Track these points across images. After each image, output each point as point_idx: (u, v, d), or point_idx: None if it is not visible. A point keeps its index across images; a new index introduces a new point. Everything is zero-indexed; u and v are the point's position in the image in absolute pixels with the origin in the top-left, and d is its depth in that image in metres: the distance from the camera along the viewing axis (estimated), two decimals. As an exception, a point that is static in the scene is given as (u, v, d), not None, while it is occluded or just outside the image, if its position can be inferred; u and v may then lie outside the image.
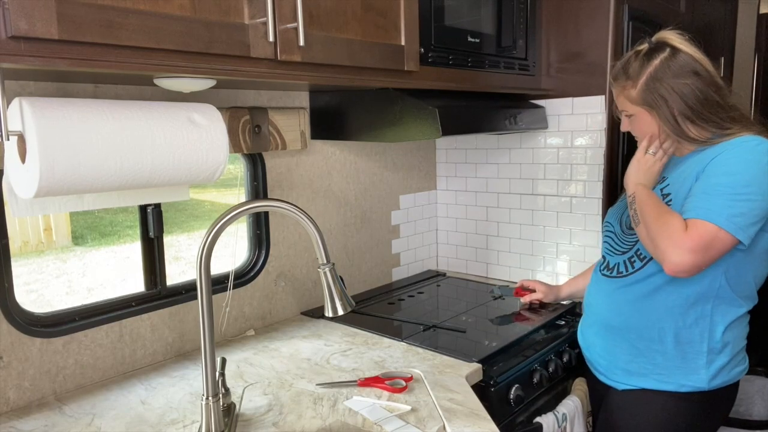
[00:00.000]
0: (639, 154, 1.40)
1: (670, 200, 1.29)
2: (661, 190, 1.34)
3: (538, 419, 1.39)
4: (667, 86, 1.28)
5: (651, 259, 1.30)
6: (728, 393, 1.34)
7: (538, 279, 2.00)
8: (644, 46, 1.34)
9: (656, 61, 1.29)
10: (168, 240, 1.47)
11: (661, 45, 1.31)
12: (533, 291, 1.78)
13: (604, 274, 1.43)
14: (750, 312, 1.34)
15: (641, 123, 1.36)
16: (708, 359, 1.28)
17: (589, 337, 1.45)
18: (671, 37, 1.32)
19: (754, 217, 1.17)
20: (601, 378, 1.43)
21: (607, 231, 1.49)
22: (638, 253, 1.34)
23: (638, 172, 1.38)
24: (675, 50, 1.29)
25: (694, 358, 1.29)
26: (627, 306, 1.35)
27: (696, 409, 1.31)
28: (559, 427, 1.40)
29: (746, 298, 1.30)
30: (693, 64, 1.28)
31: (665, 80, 1.28)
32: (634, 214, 1.32)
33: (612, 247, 1.44)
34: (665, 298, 1.29)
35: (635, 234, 1.34)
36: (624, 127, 1.42)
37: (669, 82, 1.28)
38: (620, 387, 1.38)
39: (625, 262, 1.37)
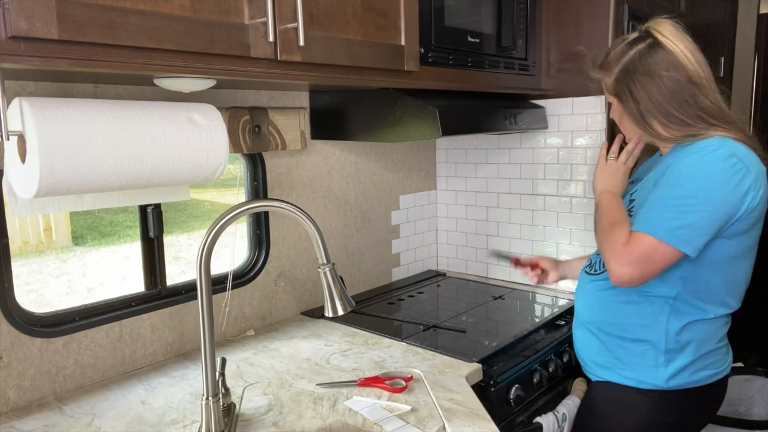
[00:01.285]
0: (601, 160, 1.42)
1: (633, 207, 1.30)
2: (631, 194, 1.35)
3: (538, 419, 1.39)
4: (637, 80, 1.25)
5: None
6: (698, 396, 1.30)
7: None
8: (633, 34, 1.31)
9: (632, 52, 1.27)
10: (168, 240, 1.47)
11: (645, 36, 1.27)
12: (536, 267, 1.66)
13: (585, 271, 1.46)
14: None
15: (615, 113, 1.37)
16: (666, 358, 1.27)
17: (574, 329, 1.48)
18: (659, 27, 1.27)
19: (700, 228, 1.15)
20: (583, 369, 1.47)
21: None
22: None
23: (601, 178, 1.40)
24: (655, 43, 1.25)
25: (653, 356, 1.28)
26: (595, 302, 1.37)
27: (656, 406, 1.30)
28: (559, 427, 1.40)
29: (713, 304, 1.26)
30: (670, 60, 1.23)
31: (635, 74, 1.25)
32: (594, 221, 1.34)
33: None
34: (627, 296, 1.30)
35: None
36: (611, 113, 1.41)
37: (638, 77, 1.25)
38: (594, 378, 1.41)
39: (600, 260, 1.39)
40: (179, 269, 1.57)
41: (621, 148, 1.44)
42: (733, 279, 1.26)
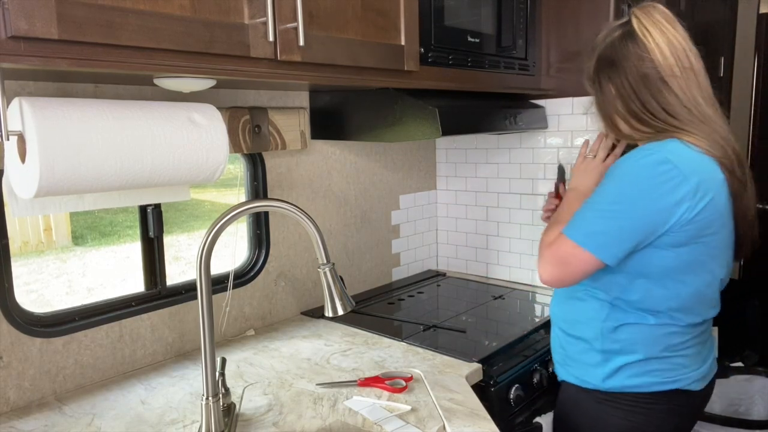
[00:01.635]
0: (579, 157, 1.39)
1: None
2: None
3: (537, 419, 1.39)
4: (605, 72, 1.20)
5: None
6: (650, 404, 1.22)
7: (538, 274, 2.01)
8: (621, 20, 1.23)
9: (608, 41, 1.20)
10: (168, 240, 1.47)
11: (626, 23, 1.20)
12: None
13: None
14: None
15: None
16: (603, 358, 1.22)
17: None
18: (641, 14, 1.18)
19: (619, 236, 1.10)
20: None
21: None
22: None
23: (576, 176, 1.38)
24: (628, 32, 1.17)
25: (591, 354, 1.24)
26: (557, 298, 1.36)
27: (600, 407, 1.25)
28: (558, 427, 1.41)
29: (655, 315, 1.18)
30: (639, 52, 1.15)
31: (605, 65, 1.20)
32: None
33: None
34: (575, 292, 1.27)
35: None
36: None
37: (606, 69, 1.19)
38: (558, 377, 1.39)
39: None
40: (179, 269, 1.57)
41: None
42: (678, 293, 1.16)
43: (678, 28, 1.17)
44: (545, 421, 1.38)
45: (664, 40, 1.14)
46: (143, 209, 1.42)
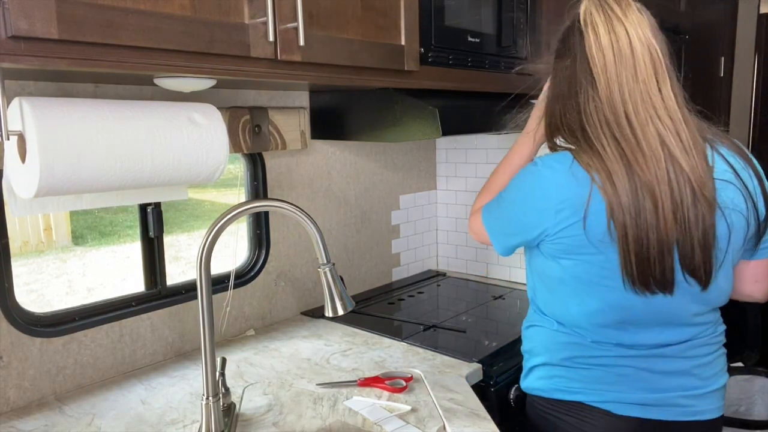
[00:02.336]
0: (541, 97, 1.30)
1: None
2: None
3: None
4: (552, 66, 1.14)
5: None
6: (549, 407, 1.17)
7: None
8: None
9: (561, 30, 1.12)
10: (168, 240, 1.47)
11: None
12: None
13: None
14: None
15: None
16: (525, 358, 1.24)
17: None
18: (591, 3, 1.04)
19: (503, 226, 1.15)
20: None
21: None
22: None
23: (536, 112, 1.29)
24: (572, 25, 1.08)
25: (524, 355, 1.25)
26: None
27: (531, 410, 1.23)
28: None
29: (560, 323, 1.14)
30: (580, 48, 1.04)
31: (553, 59, 1.14)
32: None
33: None
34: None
35: None
36: None
37: (553, 62, 1.13)
38: None
39: None
40: (179, 269, 1.57)
41: None
42: (567, 308, 1.10)
43: (638, 21, 1.01)
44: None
45: (608, 34, 1.00)
46: (143, 209, 1.42)
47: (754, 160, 1.11)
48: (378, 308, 1.81)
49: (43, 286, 1.46)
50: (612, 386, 1.11)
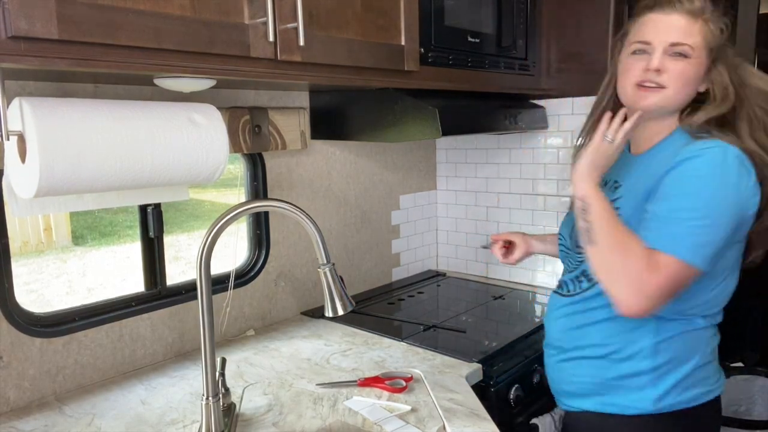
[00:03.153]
0: (597, 139, 1.10)
1: (620, 215, 1.10)
2: (613, 201, 1.14)
3: (534, 420, 1.39)
4: (723, 48, 1.12)
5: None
6: (691, 419, 1.14)
7: (537, 274, 2.01)
8: None
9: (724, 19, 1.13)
10: (168, 240, 1.47)
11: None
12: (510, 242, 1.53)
13: (557, 293, 1.30)
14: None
15: (686, 72, 1.10)
16: (654, 376, 1.12)
17: (545, 357, 1.32)
18: None
19: (716, 244, 1.02)
20: (555, 398, 1.32)
21: (560, 243, 1.34)
22: (585, 273, 1.20)
23: (594, 164, 1.09)
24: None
25: (638, 376, 1.13)
26: (572, 324, 1.22)
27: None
28: (555, 428, 1.40)
29: (701, 316, 1.13)
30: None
31: (725, 40, 1.13)
32: (585, 230, 1.08)
33: (563, 261, 1.32)
34: (608, 313, 1.13)
35: (583, 251, 1.12)
36: (661, 64, 1.10)
37: (727, 44, 1.13)
38: (566, 408, 1.27)
39: (573, 280, 1.24)
40: (179, 269, 1.57)
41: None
42: (727, 290, 1.14)
43: None
44: (542, 422, 1.38)
45: None
46: (143, 209, 1.42)
47: None
48: (378, 308, 1.81)
49: (43, 286, 1.46)
50: (720, 370, 1.20)
